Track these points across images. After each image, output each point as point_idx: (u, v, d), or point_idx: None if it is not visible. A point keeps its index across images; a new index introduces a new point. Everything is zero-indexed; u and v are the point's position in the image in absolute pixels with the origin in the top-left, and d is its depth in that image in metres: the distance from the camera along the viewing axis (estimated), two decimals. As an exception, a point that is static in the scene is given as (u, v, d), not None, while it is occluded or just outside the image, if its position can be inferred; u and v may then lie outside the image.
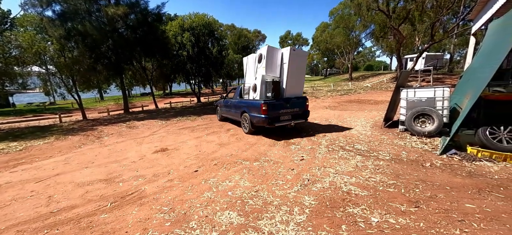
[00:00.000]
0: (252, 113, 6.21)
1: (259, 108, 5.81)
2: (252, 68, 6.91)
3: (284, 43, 55.17)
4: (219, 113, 9.51)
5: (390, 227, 2.34)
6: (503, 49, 3.66)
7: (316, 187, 3.28)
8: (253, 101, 6.24)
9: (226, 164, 4.41)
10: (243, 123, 6.85)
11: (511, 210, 2.52)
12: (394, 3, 19.52)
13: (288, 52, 6.01)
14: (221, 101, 9.08)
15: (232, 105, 7.74)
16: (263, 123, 5.82)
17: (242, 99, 7.00)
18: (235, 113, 7.45)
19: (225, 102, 8.51)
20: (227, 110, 8.39)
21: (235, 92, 7.70)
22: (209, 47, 19.41)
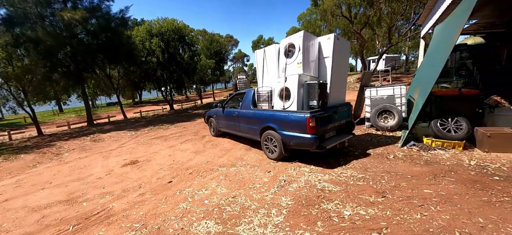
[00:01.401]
0: (286, 131, 4.13)
1: (302, 124, 3.81)
2: (273, 66, 4.87)
3: (257, 47, 55.96)
4: (214, 127, 7.11)
5: (361, 218, 2.49)
6: (446, 50, 4.17)
7: (293, 187, 3.36)
8: (289, 114, 4.09)
9: (202, 172, 4.30)
10: (267, 144, 4.63)
11: (460, 192, 2.85)
12: (356, 9, 21.07)
13: (331, 42, 4.22)
14: (217, 111, 6.69)
15: (242, 118, 5.37)
16: (309, 146, 3.84)
17: (264, 111, 4.72)
18: (249, 130, 5.15)
19: (227, 113, 6.10)
20: (230, 125, 5.99)
21: (244, 100, 5.41)
22: (180, 53, 18.88)
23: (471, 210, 2.47)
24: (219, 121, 6.70)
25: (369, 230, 2.28)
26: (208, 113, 7.55)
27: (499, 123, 4.58)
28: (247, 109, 5.22)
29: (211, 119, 7.28)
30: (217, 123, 6.86)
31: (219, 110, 6.52)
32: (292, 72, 4.33)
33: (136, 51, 15.15)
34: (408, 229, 2.25)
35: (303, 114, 3.81)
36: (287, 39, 4.48)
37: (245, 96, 5.44)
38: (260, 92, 4.98)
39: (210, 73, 30.28)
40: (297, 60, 4.28)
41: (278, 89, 4.45)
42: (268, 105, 4.77)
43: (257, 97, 5.08)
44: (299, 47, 4.21)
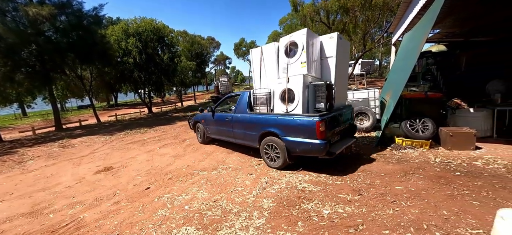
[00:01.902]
0: (291, 137, 3.74)
1: (310, 129, 3.46)
2: (272, 66, 4.48)
3: (239, 50, 56.00)
4: (201, 133, 6.36)
5: (339, 216, 2.58)
6: (413, 57, 4.51)
7: (274, 188, 3.39)
8: (294, 118, 3.71)
9: (182, 177, 4.18)
10: (268, 152, 4.17)
11: (427, 187, 3.08)
12: (333, 16, 22.03)
13: (334, 41, 4.02)
14: (206, 116, 6.00)
15: (237, 123, 4.81)
16: (318, 153, 3.51)
17: (263, 115, 4.27)
18: (246, 137, 4.64)
19: (218, 118, 5.49)
20: (222, 130, 5.36)
21: (239, 103, 4.88)
22: (159, 54, 18.29)
23: (437, 203, 2.68)
24: (208, 126, 5.96)
25: (347, 227, 2.37)
26: (195, 119, 6.72)
27: (460, 123, 5.05)
28: (243, 113, 4.69)
29: (198, 124, 6.51)
30: (206, 128, 6.10)
31: (208, 115, 5.79)
32: (295, 72, 3.97)
33: (111, 51, 14.39)
34: (381, 224, 2.38)
35: (311, 118, 3.47)
36: (288, 37, 4.12)
37: (239, 99, 4.89)
38: (257, 95, 4.48)
39: (191, 75, 29.67)
40: (300, 60, 3.91)
41: (280, 91, 4.05)
42: (266, 108, 4.34)
43: (253, 100, 4.60)
44: (303, 46, 3.85)
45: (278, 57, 4.38)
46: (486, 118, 4.95)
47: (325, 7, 20.91)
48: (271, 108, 4.35)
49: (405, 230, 2.26)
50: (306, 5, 22.68)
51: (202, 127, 6.26)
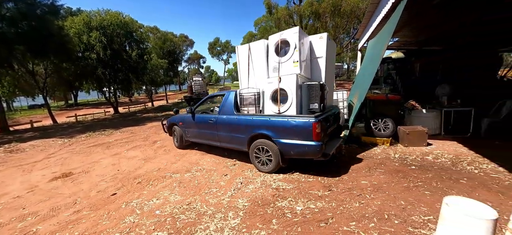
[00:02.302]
0: (285, 139, 3.59)
1: (306, 130, 3.36)
2: (261, 65, 4.27)
3: (213, 49, 55.08)
4: (178, 137, 5.74)
5: (311, 212, 2.71)
6: (376, 62, 4.92)
7: (249, 188, 3.42)
8: (289, 120, 3.56)
9: (152, 180, 3.97)
10: (258, 155, 3.96)
11: (388, 181, 3.39)
12: (306, 20, 22.94)
13: (324, 41, 4.01)
14: (184, 118, 5.48)
15: (222, 125, 4.46)
16: (314, 154, 3.44)
17: (254, 117, 4.00)
18: (233, 140, 4.35)
19: (199, 120, 5.04)
20: (205, 134, 4.94)
21: (224, 104, 4.52)
22: (127, 50, 17.11)
23: (396, 195, 2.96)
24: (187, 129, 5.41)
25: (318, 222, 2.50)
26: (171, 120, 6.05)
27: (415, 122, 5.64)
28: (229, 115, 4.35)
29: (175, 127, 5.86)
30: (184, 131, 5.53)
31: (187, 116, 5.30)
32: (287, 72, 3.83)
33: (71, 44, 13.04)
34: (349, 216, 2.56)
35: (307, 119, 3.38)
36: (278, 35, 3.97)
37: (224, 100, 4.54)
38: (244, 95, 4.21)
39: (163, 73, 28.34)
40: (293, 59, 3.77)
41: (271, 91, 3.89)
42: (255, 109, 4.10)
43: (239, 100, 4.31)
44: (295, 45, 3.72)
45: (268, 56, 4.18)
46: (436, 118, 5.62)
47: (298, 11, 21.66)
48: (260, 109, 4.13)
49: (369, 221, 2.46)
50: (280, 8, 23.25)
51: (180, 129, 5.66)
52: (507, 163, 3.71)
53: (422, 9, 5.33)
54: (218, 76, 71.07)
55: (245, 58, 4.50)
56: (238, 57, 4.64)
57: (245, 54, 4.49)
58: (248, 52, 4.42)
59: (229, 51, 56.40)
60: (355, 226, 2.37)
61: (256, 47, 4.33)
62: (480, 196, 2.85)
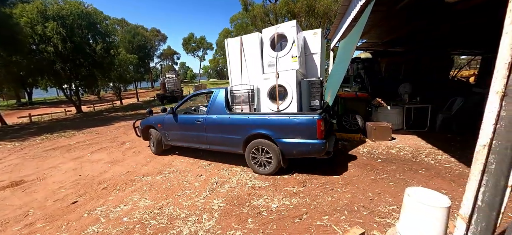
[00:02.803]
0: (288, 139, 3.41)
1: (311, 128, 3.24)
2: (255, 60, 3.98)
3: (188, 45, 53.31)
4: (156, 141, 4.98)
5: (286, 208, 2.74)
6: (346, 62, 5.16)
7: (225, 188, 3.35)
8: (290, 117, 3.39)
9: (120, 185, 3.69)
10: (256, 157, 3.72)
11: (357, 174, 3.57)
12: (281, 19, 23.29)
13: (318, 37, 3.99)
14: (164, 119, 4.78)
15: (212, 126, 4.06)
16: (318, 153, 3.34)
17: (250, 115, 3.72)
18: (225, 141, 3.99)
19: (183, 120, 4.51)
20: (190, 136, 4.42)
21: (213, 102, 4.10)
22: (90, 43, 15.69)
23: (364, 187, 3.14)
24: (168, 131, 4.75)
25: (293, 218, 2.54)
26: (145, 122, 5.25)
27: (381, 118, 6.05)
28: (220, 114, 3.97)
29: (151, 130, 5.08)
30: (164, 134, 4.86)
31: (168, 117, 4.68)
32: (285, 67, 3.66)
33: (22, 36, 11.54)
34: (322, 211, 2.64)
35: (311, 117, 3.25)
36: (273, 28, 3.77)
37: (213, 98, 4.11)
38: (236, 92, 3.89)
39: (133, 70, 26.62)
40: (291, 54, 3.61)
41: (268, 87, 3.68)
42: (249, 107, 3.82)
43: (230, 98, 3.97)
44: (294, 39, 3.57)
45: (262, 50, 3.93)
46: (399, 114, 6.09)
47: (274, 9, 21.88)
48: (254, 107, 3.89)
49: (340, 213, 2.57)
50: (256, 6, 23.26)
51: (158, 132, 4.97)
52: (457, 154, 4.17)
53: (387, 13, 5.71)
54: (193, 73, 68.94)
55: (237, 53, 4.14)
56: (228, 51, 4.26)
57: (236, 48, 4.13)
58: (240, 46, 4.06)
59: (205, 47, 55.07)
60: (327, 220, 2.46)
61: (249, 40, 3.99)
62: (436, 184, 3.15)
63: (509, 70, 1.28)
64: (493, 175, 1.34)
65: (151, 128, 5.11)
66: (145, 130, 5.31)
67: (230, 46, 4.23)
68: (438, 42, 8.23)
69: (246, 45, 4.05)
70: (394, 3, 5.17)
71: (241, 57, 4.10)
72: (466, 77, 12.08)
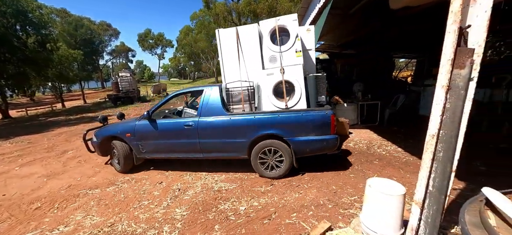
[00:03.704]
0: (301, 137, 3.25)
1: (325, 124, 3.17)
2: (254, 54, 3.65)
3: (145, 42, 49.34)
4: (123, 154, 3.86)
5: (254, 210, 2.66)
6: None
7: (188, 194, 3.11)
8: (303, 114, 3.23)
9: (59, 202, 3.11)
10: (265, 159, 3.42)
11: (323, 170, 3.71)
12: (244, 19, 23.32)
13: (312, 34, 3.93)
14: (135, 127, 3.79)
15: (207, 130, 3.49)
16: (331, 148, 3.31)
17: (256, 114, 3.35)
18: (226, 147, 3.51)
19: (165, 127, 3.70)
20: (177, 145, 3.68)
21: (206, 103, 3.57)
22: (19, 35, 13.16)
23: (328, 181, 3.26)
24: (143, 142, 3.77)
25: (262, 219, 2.47)
26: (103, 133, 4.06)
27: (338, 114, 6.47)
28: (217, 115, 3.47)
29: (115, 142, 3.90)
30: (137, 146, 3.82)
31: (140, 124, 3.74)
32: (290, 62, 3.49)
33: None
34: (290, 208, 2.64)
35: (324, 112, 3.18)
36: (273, 21, 3.56)
37: (205, 99, 3.58)
38: (232, 90, 3.52)
39: (78, 67, 23.38)
40: (294, 48, 3.48)
41: (273, 83, 3.44)
42: (249, 106, 3.51)
43: (226, 97, 3.56)
44: (297, 33, 3.45)
45: (262, 44, 3.65)
46: (354, 110, 6.62)
47: (237, 9, 21.77)
48: (255, 106, 3.58)
49: (308, 209, 2.60)
50: (218, 4, 22.81)
51: (124, 145, 3.88)
52: (402, 144, 4.69)
53: (341, 16, 6.13)
54: (152, 72, 64.02)
55: (233, 46, 3.69)
56: (221, 44, 3.76)
57: (231, 40, 3.68)
58: (236, 39, 3.64)
59: (164, 45, 51.74)
60: (296, 217, 2.46)
61: (247, 32, 3.64)
62: (388, 173, 3.46)
63: (452, 66, 1.42)
64: (441, 162, 1.47)
65: (115, 139, 3.94)
66: (103, 143, 4.04)
67: (222, 38, 3.73)
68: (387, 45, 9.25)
69: (243, 39, 3.66)
70: (348, 8, 5.58)
71: (239, 51, 3.68)
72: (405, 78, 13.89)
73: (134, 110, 13.38)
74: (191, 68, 60.84)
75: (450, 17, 1.39)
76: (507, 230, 1.04)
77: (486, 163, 3.60)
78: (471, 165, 3.54)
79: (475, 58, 1.37)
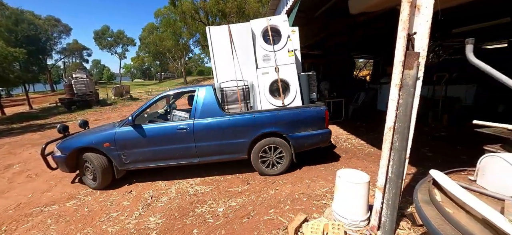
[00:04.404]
0: (300, 132, 3.41)
1: (321, 119, 3.42)
2: (248, 53, 3.65)
3: (102, 40, 45.18)
4: (100, 170, 3.32)
5: (233, 210, 2.67)
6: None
7: (162, 201, 2.98)
8: (301, 110, 3.39)
9: (7, 225, 2.71)
10: (266, 158, 3.45)
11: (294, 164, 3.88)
12: (212, 18, 22.94)
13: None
14: (118, 135, 3.32)
15: (206, 132, 3.34)
16: (326, 141, 3.62)
17: (255, 113, 3.37)
18: (226, 148, 3.42)
19: (153, 132, 3.35)
20: (169, 151, 3.38)
21: (202, 103, 3.40)
22: None
23: (301, 176, 3.43)
24: (128, 151, 3.35)
25: (241, 218, 2.50)
26: (70, 145, 3.42)
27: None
28: (215, 117, 3.35)
29: (89, 154, 3.34)
30: (119, 156, 3.35)
31: (122, 131, 3.32)
32: (283, 61, 3.66)
33: None
34: (267, 205, 2.72)
35: (319, 108, 3.43)
36: (264, 20, 3.68)
37: (199, 99, 3.41)
38: (227, 90, 3.51)
39: (20, 68, 20.35)
40: (287, 48, 3.65)
41: (269, 82, 3.56)
42: (246, 106, 3.54)
43: (221, 96, 3.50)
44: (288, 34, 3.66)
45: (255, 43, 3.70)
46: (322, 108, 7.04)
47: (204, 7, 21.30)
48: (250, 105, 3.61)
49: (284, 204, 2.71)
50: (185, 2, 22.02)
51: (102, 157, 3.36)
52: (364, 137, 5.16)
53: (306, 19, 6.46)
54: (111, 72, 58.78)
55: (225, 44, 3.65)
56: (212, 42, 3.66)
57: (224, 38, 3.64)
58: (229, 37, 3.61)
59: (125, 43, 48.03)
60: (274, 213, 2.55)
61: (240, 31, 3.66)
62: (354, 163, 3.79)
63: (403, 67, 1.63)
64: (398, 150, 1.69)
65: (87, 151, 3.37)
66: (71, 157, 3.40)
67: (214, 36, 3.65)
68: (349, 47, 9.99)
69: (236, 37, 3.65)
70: (313, 12, 5.91)
71: (232, 49, 3.65)
72: (364, 77, 15.21)
73: (93, 115, 12.18)
74: (157, 68, 57.53)
75: (400, 25, 1.60)
76: (450, 203, 1.25)
77: (431, 149, 4.18)
78: (420, 151, 4.07)
79: (420, 61, 1.61)
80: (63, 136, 3.77)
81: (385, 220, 1.85)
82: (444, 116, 5.74)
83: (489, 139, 1.84)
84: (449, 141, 4.61)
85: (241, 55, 3.72)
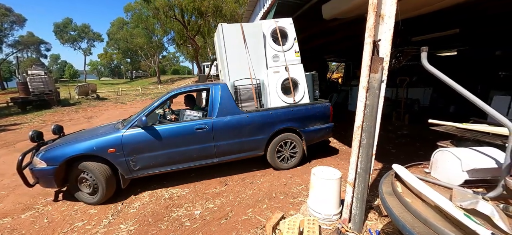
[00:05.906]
0: (310, 127, 3.72)
1: (327, 114, 3.82)
2: (258, 52, 3.81)
3: (64, 34, 41.23)
4: (103, 181, 2.82)
5: (210, 212, 2.64)
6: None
7: (134, 207, 2.83)
8: (311, 107, 3.70)
9: None
10: (281, 152, 3.64)
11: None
12: (188, 16, 22.30)
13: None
14: (126, 139, 2.90)
15: (227, 130, 3.28)
16: (330, 134, 4.08)
17: (272, 110, 3.50)
18: (246, 146, 3.43)
19: (169, 132, 3.08)
20: (186, 152, 3.16)
21: (219, 102, 3.30)
22: None
23: (278, 175, 3.51)
24: (138, 156, 2.97)
25: (218, 220, 2.48)
26: (61, 154, 2.78)
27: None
28: (233, 114, 3.32)
29: (87, 163, 2.83)
30: (127, 163, 2.94)
31: (130, 135, 2.94)
32: (291, 61, 3.94)
33: None
34: (245, 205, 2.74)
35: (326, 104, 3.82)
36: (273, 22, 3.94)
37: (217, 96, 3.32)
38: (242, 88, 3.69)
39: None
40: (294, 49, 3.98)
41: (281, 81, 3.75)
42: (258, 103, 3.75)
43: (235, 95, 3.61)
44: (294, 36, 3.99)
45: (265, 43, 3.90)
46: (297, 108, 7.27)
47: (179, 4, 20.62)
48: (262, 103, 3.86)
49: (262, 203, 2.75)
50: (158, -3, 21.03)
51: (103, 166, 2.88)
52: (336, 136, 5.46)
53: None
54: (75, 70, 53.81)
55: (238, 43, 3.74)
56: (225, 39, 3.69)
57: (237, 37, 3.72)
58: (242, 35, 3.72)
59: (90, 38, 44.40)
60: (251, 212, 2.57)
61: (252, 30, 3.80)
62: (328, 161, 3.99)
63: (369, 71, 1.77)
64: (365, 147, 1.82)
65: (85, 159, 2.85)
66: (60, 170, 2.81)
67: (226, 34, 3.70)
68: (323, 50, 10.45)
69: (248, 36, 3.78)
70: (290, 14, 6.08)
71: (246, 49, 3.78)
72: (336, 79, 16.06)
73: (53, 116, 11.04)
74: (127, 66, 54.04)
75: (367, 32, 1.73)
76: (409, 193, 1.40)
77: (394, 146, 4.57)
78: (386, 148, 4.43)
79: (384, 65, 1.76)
80: (37, 144, 3.09)
81: (355, 212, 1.98)
82: (406, 116, 6.32)
83: (442, 136, 2.09)
84: (410, 138, 5.08)
85: (252, 54, 3.87)
